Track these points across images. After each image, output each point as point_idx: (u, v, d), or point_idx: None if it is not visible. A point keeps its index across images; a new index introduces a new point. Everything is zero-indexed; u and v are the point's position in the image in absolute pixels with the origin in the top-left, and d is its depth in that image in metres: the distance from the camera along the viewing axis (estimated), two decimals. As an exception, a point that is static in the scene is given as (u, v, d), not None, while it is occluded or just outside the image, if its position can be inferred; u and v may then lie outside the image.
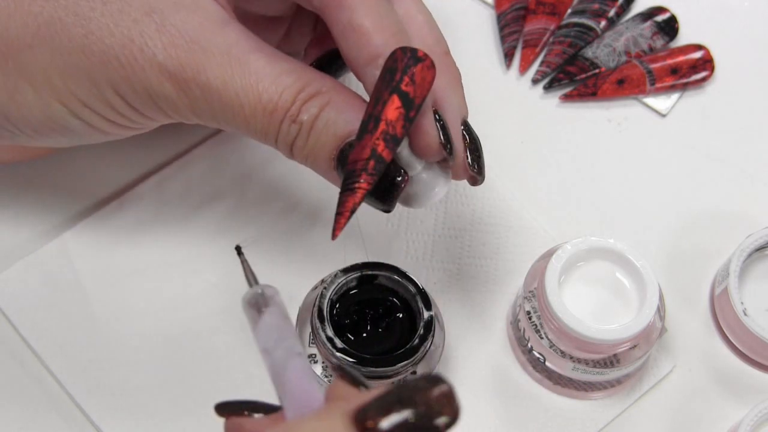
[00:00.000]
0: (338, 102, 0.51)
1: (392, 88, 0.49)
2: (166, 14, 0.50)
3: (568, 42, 0.70)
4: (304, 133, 0.51)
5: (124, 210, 0.64)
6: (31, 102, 0.51)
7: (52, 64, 0.50)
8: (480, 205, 0.65)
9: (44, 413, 0.59)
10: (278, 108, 0.50)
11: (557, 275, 0.58)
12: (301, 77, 0.51)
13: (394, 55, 0.50)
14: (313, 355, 0.57)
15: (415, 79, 0.50)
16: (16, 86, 0.51)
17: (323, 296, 0.56)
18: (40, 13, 0.50)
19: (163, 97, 0.51)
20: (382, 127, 0.49)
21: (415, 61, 0.50)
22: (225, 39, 0.50)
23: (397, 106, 0.49)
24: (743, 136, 0.69)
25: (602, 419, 0.61)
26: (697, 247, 0.66)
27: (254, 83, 0.50)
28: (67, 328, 0.61)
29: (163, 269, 0.63)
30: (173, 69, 0.50)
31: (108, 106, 0.51)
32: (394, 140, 0.49)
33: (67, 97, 0.51)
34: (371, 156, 0.49)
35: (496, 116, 0.68)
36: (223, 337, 0.61)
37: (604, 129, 0.69)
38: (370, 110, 0.50)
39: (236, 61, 0.50)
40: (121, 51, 0.50)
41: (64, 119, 0.52)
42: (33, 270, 0.62)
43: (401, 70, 0.49)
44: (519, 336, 0.61)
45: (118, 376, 0.60)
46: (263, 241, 0.63)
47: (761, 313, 0.62)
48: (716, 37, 0.71)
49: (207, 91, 0.50)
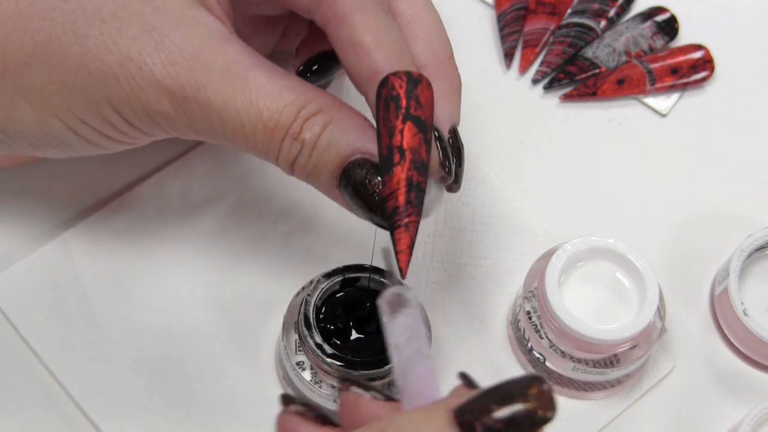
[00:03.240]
0: (340, 120, 0.51)
1: (404, 116, 0.49)
2: (165, 32, 0.50)
3: (568, 42, 0.70)
4: (306, 152, 0.51)
5: (124, 210, 0.64)
6: (29, 118, 0.51)
7: (50, 83, 0.50)
8: (480, 205, 0.65)
9: (44, 413, 0.59)
10: (279, 126, 0.50)
11: (557, 275, 0.58)
12: (302, 94, 0.50)
13: (389, 83, 0.50)
14: (301, 362, 0.57)
15: (420, 102, 0.50)
16: (13, 103, 0.51)
17: (308, 303, 0.56)
18: (37, 32, 0.50)
19: (162, 114, 0.51)
20: (409, 157, 0.49)
21: (414, 84, 0.50)
22: (225, 56, 0.50)
23: (415, 133, 0.49)
24: (743, 136, 0.69)
25: (602, 419, 0.61)
26: (697, 247, 0.66)
27: (254, 100, 0.50)
28: (67, 328, 0.61)
29: (163, 269, 0.63)
30: (172, 87, 0.50)
31: (106, 123, 0.51)
32: (423, 166, 0.49)
33: (65, 114, 0.51)
34: (410, 188, 0.49)
35: (496, 116, 0.68)
36: (223, 337, 0.61)
37: (604, 129, 0.69)
38: (387, 142, 0.49)
39: (236, 79, 0.50)
40: (119, 69, 0.50)
41: (61, 135, 0.52)
42: (33, 270, 0.62)
43: (405, 97, 0.49)
44: (519, 336, 0.61)
45: (118, 376, 0.60)
46: (263, 242, 0.63)
47: (761, 313, 0.62)
48: (716, 37, 0.71)
49: (207, 108, 0.50)
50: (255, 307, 0.62)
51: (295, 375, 0.57)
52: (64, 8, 0.50)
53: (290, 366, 0.57)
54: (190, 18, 0.51)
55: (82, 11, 0.50)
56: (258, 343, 0.61)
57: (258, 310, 0.62)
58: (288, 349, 0.57)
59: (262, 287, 0.62)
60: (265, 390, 0.60)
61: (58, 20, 0.50)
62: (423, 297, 0.62)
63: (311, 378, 0.57)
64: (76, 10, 0.50)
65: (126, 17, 0.50)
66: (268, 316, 0.62)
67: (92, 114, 0.51)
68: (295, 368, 0.57)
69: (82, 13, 0.50)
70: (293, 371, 0.57)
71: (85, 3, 0.50)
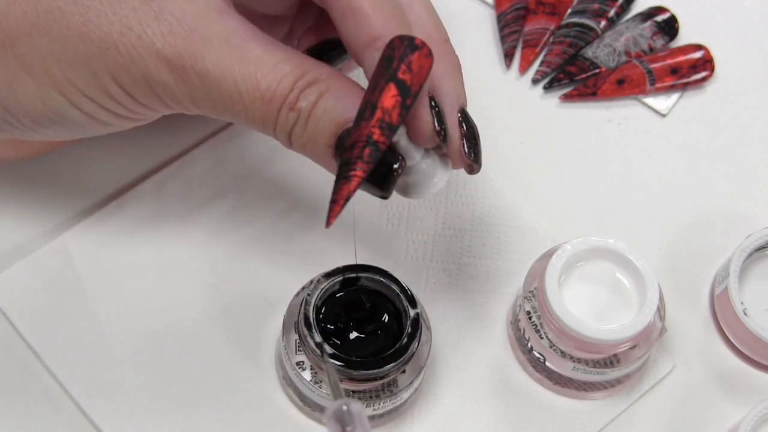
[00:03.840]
0: (336, 89, 0.51)
1: (389, 76, 0.49)
2: (165, 3, 0.50)
3: (568, 42, 0.70)
4: (303, 121, 0.51)
5: (124, 210, 0.64)
6: (30, 92, 0.52)
7: (51, 53, 0.51)
8: (480, 205, 0.65)
9: (44, 413, 0.59)
10: (276, 96, 0.50)
11: (557, 275, 0.58)
12: (299, 65, 0.51)
13: (392, 44, 0.50)
14: (301, 362, 0.57)
15: (412, 67, 0.50)
16: (15, 76, 0.51)
17: (308, 303, 0.56)
18: (39, 2, 0.50)
19: (162, 85, 0.51)
20: (378, 115, 0.49)
21: (412, 49, 0.50)
22: (223, 27, 0.51)
23: (393, 94, 0.49)
24: (743, 136, 0.69)
25: (602, 419, 0.61)
26: (697, 247, 0.66)
27: (252, 71, 0.50)
28: (67, 328, 0.61)
29: (163, 269, 0.63)
30: (172, 56, 0.50)
31: (107, 96, 0.51)
32: (390, 127, 0.49)
33: (66, 87, 0.51)
34: (367, 143, 0.49)
35: (496, 116, 0.68)
36: (223, 337, 0.61)
37: (604, 129, 0.69)
38: (367, 97, 0.50)
39: (234, 49, 0.50)
40: (119, 39, 0.50)
41: (63, 109, 0.52)
42: (33, 270, 0.62)
43: (398, 58, 0.49)
44: (519, 336, 0.61)
45: (118, 376, 0.60)
46: (263, 242, 0.63)
47: (761, 313, 0.62)
48: (716, 37, 0.71)
49: (205, 78, 0.50)
50: (255, 306, 0.62)
51: (295, 375, 0.57)
52: None
53: (290, 366, 0.57)
54: None
55: None
56: (258, 343, 0.61)
57: (258, 310, 0.62)
58: (288, 348, 0.57)
59: (262, 287, 0.62)
60: (265, 390, 0.60)
61: None
62: (423, 297, 0.62)
63: (311, 378, 0.57)
64: None
65: None
66: (268, 316, 0.62)
67: (93, 85, 0.51)
68: (295, 368, 0.57)
69: None
70: (293, 371, 0.57)
71: None
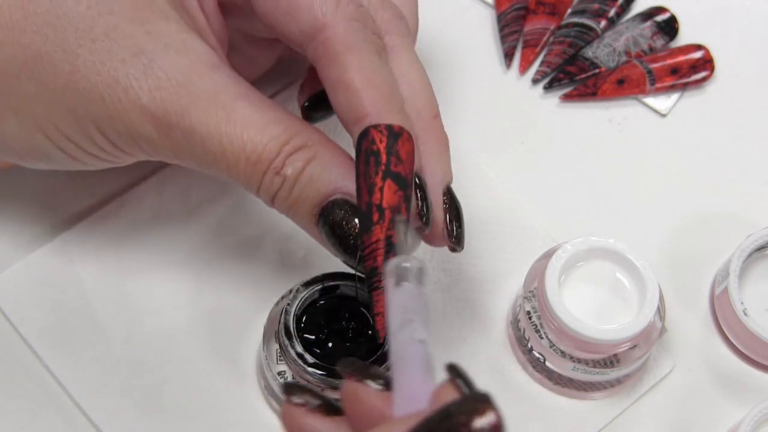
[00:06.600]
0: (324, 156, 0.51)
1: (384, 173, 0.49)
2: (155, 56, 0.50)
3: (568, 42, 0.70)
4: (287, 187, 0.51)
5: (124, 210, 0.64)
6: (15, 130, 0.52)
7: (37, 97, 0.50)
8: (480, 205, 0.65)
9: (44, 413, 0.59)
10: (262, 159, 0.50)
11: (557, 275, 0.58)
12: (287, 128, 0.50)
13: (369, 136, 0.49)
14: (283, 372, 0.57)
15: (401, 157, 0.49)
16: (0, 114, 0.51)
17: (288, 312, 0.55)
18: (28, 46, 0.50)
19: (145, 138, 0.51)
20: (388, 216, 0.49)
21: (394, 138, 0.49)
22: (213, 83, 0.50)
23: (395, 191, 0.49)
24: (743, 136, 0.69)
25: (602, 419, 0.61)
26: (697, 247, 0.66)
27: (239, 132, 0.50)
28: (67, 328, 0.61)
29: (163, 269, 0.63)
30: (157, 112, 0.50)
31: (90, 142, 0.52)
32: (403, 223, 0.50)
33: (50, 130, 0.51)
34: (389, 248, 0.49)
35: (496, 116, 0.68)
36: (223, 337, 0.61)
37: (604, 129, 0.69)
38: (366, 199, 0.49)
39: (222, 108, 0.50)
40: (105, 90, 0.50)
41: (46, 149, 0.52)
42: (33, 270, 0.62)
43: (385, 152, 0.49)
44: (519, 336, 0.61)
45: (118, 376, 0.60)
46: (262, 242, 0.63)
47: (761, 313, 0.62)
48: (716, 37, 0.71)
49: (190, 136, 0.50)
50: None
51: (277, 384, 0.57)
52: (57, 25, 0.50)
53: (272, 376, 0.57)
54: (180, 43, 0.51)
55: (74, 29, 0.50)
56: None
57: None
58: (269, 358, 0.57)
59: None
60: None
61: (50, 36, 0.50)
62: (423, 297, 0.62)
63: None
64: (68, 27, 0.50)
65: (117, 38, 0.50)
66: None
67: (77, 132, 0.51)
68: (277, 378, 0.57)
69: (74, 31, 0.50)
70: (274, 381, 0.57)
71: (77, 21, 0.50)
